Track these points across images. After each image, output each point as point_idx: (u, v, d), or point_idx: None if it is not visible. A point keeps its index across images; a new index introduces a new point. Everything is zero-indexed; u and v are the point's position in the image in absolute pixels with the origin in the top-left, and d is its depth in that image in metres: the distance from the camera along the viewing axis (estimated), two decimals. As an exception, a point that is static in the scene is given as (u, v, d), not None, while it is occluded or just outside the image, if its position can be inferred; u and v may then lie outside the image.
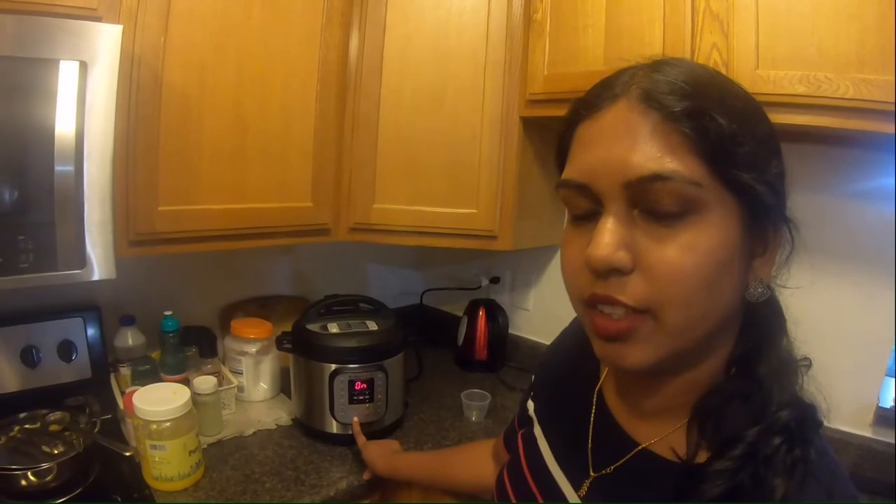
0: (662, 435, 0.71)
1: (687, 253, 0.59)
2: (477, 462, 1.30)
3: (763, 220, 0.64)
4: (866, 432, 1.64)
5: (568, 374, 0.94)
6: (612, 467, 0.76)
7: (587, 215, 0.65)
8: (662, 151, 0.59)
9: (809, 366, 0.69)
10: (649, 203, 0.60)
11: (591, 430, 0.82)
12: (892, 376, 1.68)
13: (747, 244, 0.63)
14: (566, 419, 0.88)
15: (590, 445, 0.80)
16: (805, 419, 0.63)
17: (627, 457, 0.74)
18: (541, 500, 0.84)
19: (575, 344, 0.96)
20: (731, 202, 0.61)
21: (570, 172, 0.66)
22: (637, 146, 0.60)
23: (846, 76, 1.27)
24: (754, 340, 0.68)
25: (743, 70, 1.39)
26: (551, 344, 1.08)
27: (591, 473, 0.78)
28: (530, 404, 1.01)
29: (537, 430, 0.93)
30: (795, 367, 0.68)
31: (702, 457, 0.65)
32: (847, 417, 1.63)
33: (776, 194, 0.63)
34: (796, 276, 0.72)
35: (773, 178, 0.63)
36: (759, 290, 0.65)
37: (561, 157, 0.71)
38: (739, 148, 0.60)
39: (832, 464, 0.64)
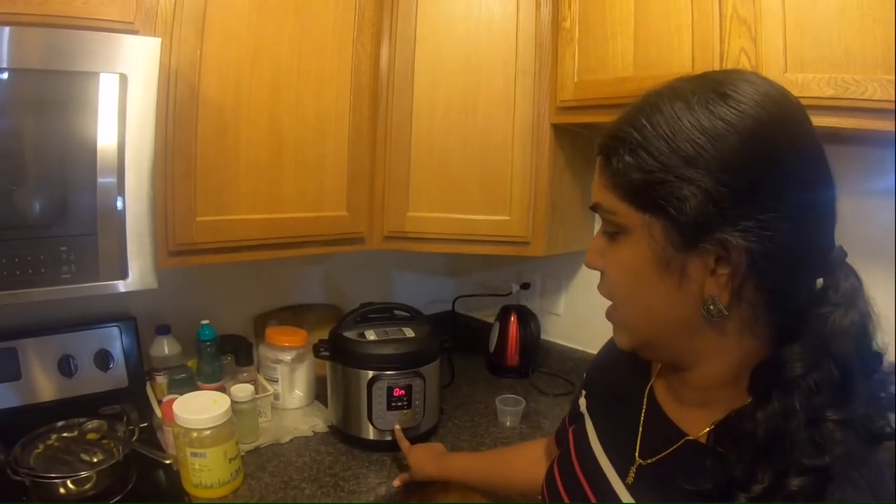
0: (707, 426, 0.75)
1: (614, 264, 0.76)
2: (531, 461, 1.30)
3: (695, 241, 0.66)
4: None
5: (620, 373, 0.99)
6: (659, 456, 0.80)
7: None
8: (601, 186, 0.75)
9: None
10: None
11: (641, 423, 0.87)
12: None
13: (673, 261, 0.69)
14: (617, 413, 0.93)
15: (639, 437, 0.85)
16: (831, 472, 0.62)
17: (674, 446, 0.79)
18: (588, 489, 0.88)
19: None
20: (651, 223, 0.69)
21: None
22: (595, 182, 0.77)
23: (873, 77, 1.28)
24: (773, 364, 0.68)
25: (772, 73, 1.39)
26: (605, 345, 1.12)
27: (638, 461, 0.83)
28: (582, 401, 1.06)
29: (588, 425, 0.98)
30: (836, 400, 0.65)
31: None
32: None
33: (712, 212, 0.64)
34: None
35: (695, 197, 0.65)
36: (711, 307, 0.68)
37: None
38: (652, 176, 0.67)
39: (878, 469, 0.65)
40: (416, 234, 1.95)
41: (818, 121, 1.32)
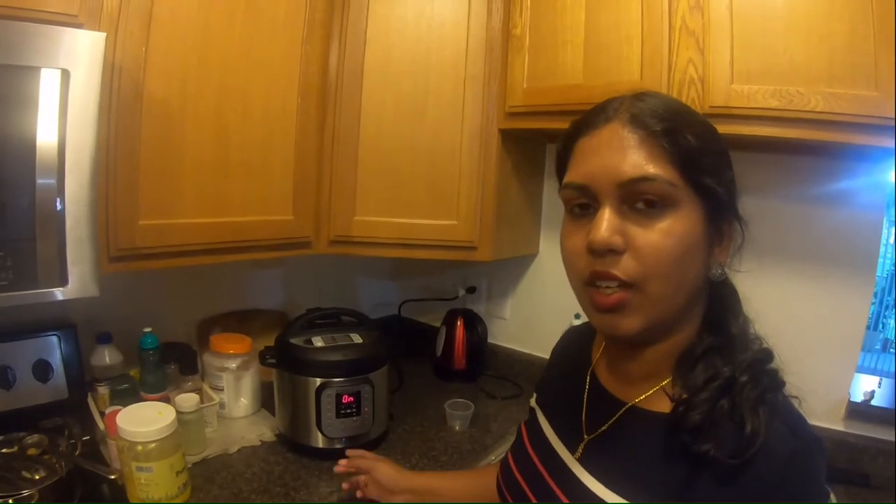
0: (647, 394, 0.86)
1: (666, 236, 0.75)
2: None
3: (719, 217, 0.81)
4: (839, 426, 1.73)
5: (564, 367, 1.11)
6: (605, 426, 0.89)
7: (585, 212, 0.82)
8: (647, 160, 0.76)
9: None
10: (637, 199, 0.76)
11: (585, 403, 0.96)
12: (861, 373, 1.82)
13: (708, 234, 0.80)
14: (564, 400, 1.02)
15: (584, 416, 0.95)
16: (766, 363, 0.80)
17: (617, 415, 0.88)
18: (542, 469, 0.97)
19: (568, 344, 1.18)
20: (696, 200, 0.77)
21: (572, 176, 0.83)
22: (628, 156, 0.77)
23: (816, 90, 1.34)
24: (718, 312, 0.85)
25: (718, 84, 1.44)
26: (553, 349, 1.24)
27: (585, 437, 0.92)
28: (532, 399, 1.16)
29: (539, 416, 1.08)
30: (753, 332, 0.85)
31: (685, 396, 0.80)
32: (821, 413, 1.71)
33: (730, 196, 0.81)
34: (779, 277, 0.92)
35: (727, 183, 0.80)
36: (718, 271, 0.82)
37: (561, 166, 0.88)
38: (703, 159, 0.77)
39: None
40: (363, 239, 1.93)
41: (763, 130, 1.41)
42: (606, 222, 0.76)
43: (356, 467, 1.45)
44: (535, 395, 1.17)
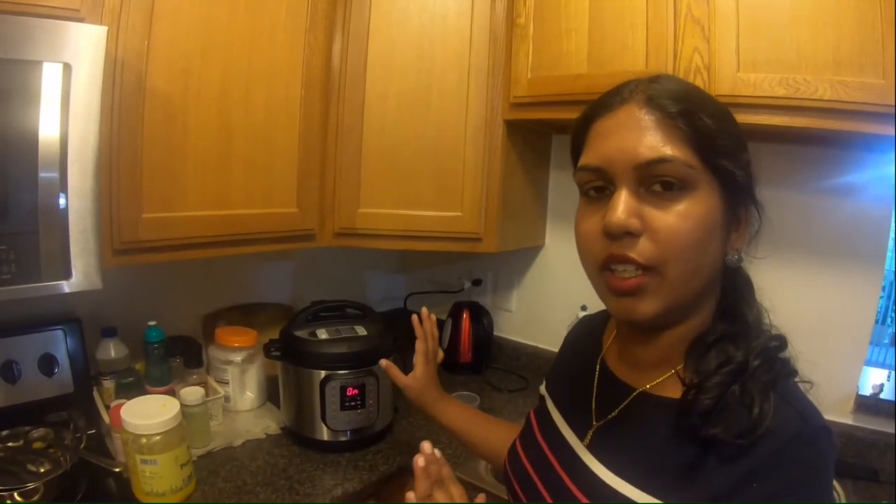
0: (658, 380, 0.85)
1: (683, 219, 0.74)
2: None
3: (737, 200, 0.79)
4: (847, 420, 1.71)
5: (574, 354, 1.10)
6: (614, 411, 0.89)
7: (600, 195, 0.80)
8: (664, 141, 0.74)
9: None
10: (653, 181, 0.75)
11: (594, 390, 0.96)
12: (870, 366, 1.79)
13: (726, 218, 0.78)
14: (573, 387, 1.02)
15: (593, 403, 0.94)
16: (779, 350, 0.79)
17: (627, 401, 0.87)
18: (551, 457, 0.96)
19: (580, 332, 1.17)
20: (714, 182, 0.76)
21: (587, 159, 0.81)
22: (644, 137, 0.75)
23: (823, 78, 1.33)
24: (732, 299, 0.84)
25: (724, 72, 1.43)
26: (564, 338, 1.22)
27: (594, 423, 0.91)
28: (542, 387, 1.15)
29: (549, 403, 1.07)
30: (768, 321, 0.84)
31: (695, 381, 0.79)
32: (829, 406, 1.68)
33: (747, 179, 0.79)
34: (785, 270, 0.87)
35: (744, 166, 0.79)
36: (735, 257, 0.81)
37: (576, 149, 0.87)
38: (720, 141, 0.76)
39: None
40: (368, 231, 1.93)
41: (770, 119, 1.39)
42: (623, 204, 0.74)
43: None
44: (544, 381, 1.16)
